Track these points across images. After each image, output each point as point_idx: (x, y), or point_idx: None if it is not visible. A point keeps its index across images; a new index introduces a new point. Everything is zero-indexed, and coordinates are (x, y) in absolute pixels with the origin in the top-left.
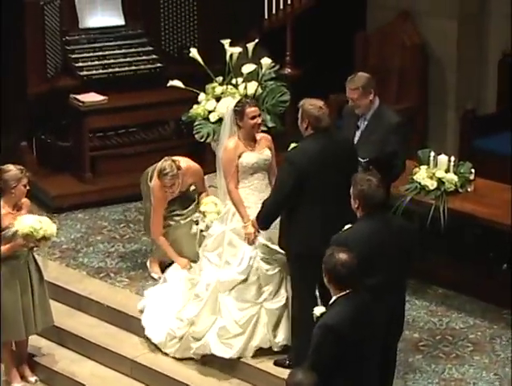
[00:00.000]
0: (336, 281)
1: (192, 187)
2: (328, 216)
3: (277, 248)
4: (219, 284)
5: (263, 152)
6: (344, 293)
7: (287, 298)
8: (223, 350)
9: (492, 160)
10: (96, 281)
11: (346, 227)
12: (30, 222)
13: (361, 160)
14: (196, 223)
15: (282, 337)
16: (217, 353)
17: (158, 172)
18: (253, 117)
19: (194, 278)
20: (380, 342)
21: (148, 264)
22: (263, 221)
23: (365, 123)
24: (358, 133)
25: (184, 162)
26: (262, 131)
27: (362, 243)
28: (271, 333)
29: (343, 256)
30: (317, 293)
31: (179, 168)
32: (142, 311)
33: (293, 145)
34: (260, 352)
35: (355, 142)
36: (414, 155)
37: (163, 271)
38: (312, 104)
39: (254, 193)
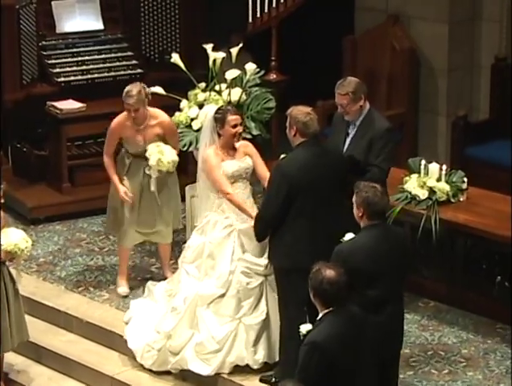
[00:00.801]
0: (322, 298)
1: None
2: (318, 229)
3: (258, 260)
4: (197, 297)
5: (244, 160)
6: (331, 309)
7: (267, 313)
8: (200, 366)
9: (485, 168)
10: (74, 295)
11: (347, 237)
12: (17, 240)
13: None
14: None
15: (262, 353)
16: (194, 369)
17: (124, 93)
18: (235, 126)
19: (172, 289)
20: (374, 358)
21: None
22: (260, 236)
23: (355, 130)
24: (348, 140)
25: (157, 111)
26: (247, 139)
27: (367, 254)
28: (251, 349)
29: (330, 273)
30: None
31: (147, 96)
32: (127, 323)
33: (283, 155)
34: (244, 368)
35: (344, 150)
36: (404, 163)
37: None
38: (300, 111)
39: None
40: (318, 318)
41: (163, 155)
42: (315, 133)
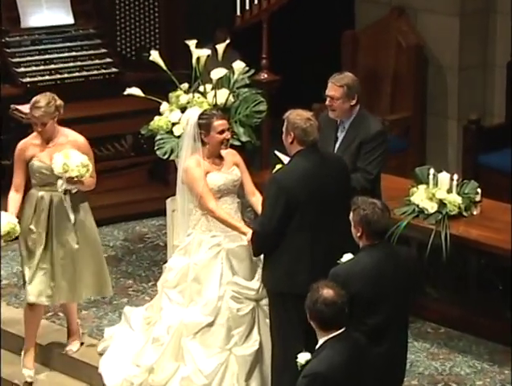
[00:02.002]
0: (318, 321)
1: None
2: (318, 248)
3: (249, 284)
4: (182, 326)
5: (232, 171)
6: (332, 335)
7: (261, 343)
8: None
9: (500, 178)
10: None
11: (345, 258)
12: (7, 219)
13: None
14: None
15: None
16: None
17: (31, 103)
18: (222, 132)
19: (151, 317)
20: None
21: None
22: (256, 253)
23: (344, 133)
24: (337, 145)
25: (69, 130)
26: (234, 146)
27: (367, 277)
28: (243, 384)
29: (328, 292)
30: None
31: (57, 109)
32: (101, 354)
33: (279, 166)
34: None
35: None
36: (410, 173)
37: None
38: (299, 116)
39: None
40: (318, 345)
41: (68, 159)
42: (315, 141)
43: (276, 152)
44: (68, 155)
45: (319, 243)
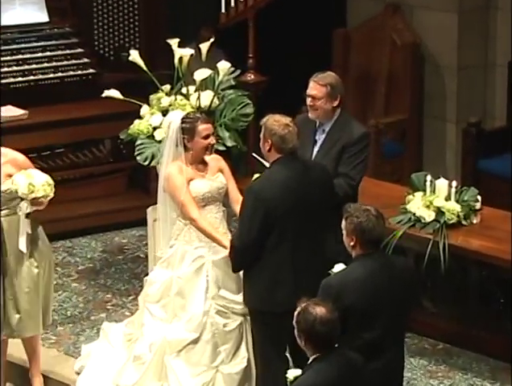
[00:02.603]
0: (316, 342)
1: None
2: (300, 263)
3: (235, 297)
4: (165, 343)
5: (217, 178)
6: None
7: (249, 360)
8: None
9: (502, 185)
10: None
11: (337, 268)
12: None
13: None
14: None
15: None
16: None
17: None
18: (207, 136)
19: (132, 334)
20: None
21: None
22: (237, 269)
23: (324, 136)
24: (316, 149)
25: (6, 149)
26: (219, 151)
27: (362, 289)
28: None
29: (321, 311)
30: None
31: None
32: (78, 373)
33: (257, 175)
34: None
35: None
36: (406, 179)
37: None
38: (277, 121)
39: None
40: (309, 361)
41: (32, 178)
42: (294, 149)
43: (254, 154)
44: (31, 175)
45: (300, 257)
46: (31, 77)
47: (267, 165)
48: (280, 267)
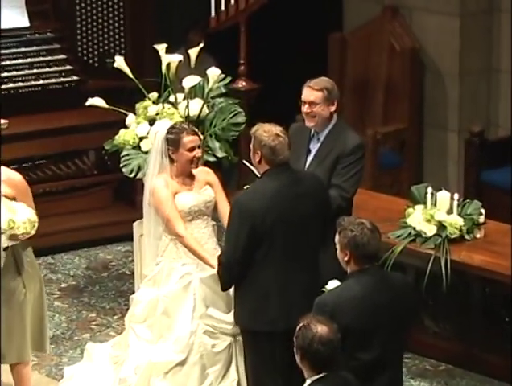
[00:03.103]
0: (313, 362)
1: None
2: (291, 279)
3: (225, 317)
4: (151, 365)
5: (204, 191)
6: (323, 374)
7: (239, 382)
8: None
9: (506, 198)
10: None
11: (331, 285)
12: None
13: None
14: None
15: None
16: None
17: None
18: (192, 149)
19: (118, 356)
20: None
21: None
22: (225, 286)
23: (318, 145)
24: (309, 159)
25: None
26: (209, 163)
27: (358, 307)
28: None
29: (322, 329)
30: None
31: None
32: None
33: (246, 187)
34: None
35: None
36: (406, 192)
37: None
38: (267, 132)
39: None
40: (305, 385)
41: (15, 214)
42: (285, 160)
43: (245, 162)
44: (14, 209)
45: (293, 273)
46: (11, 85)
47: (258, 174)
48: (271, 283)
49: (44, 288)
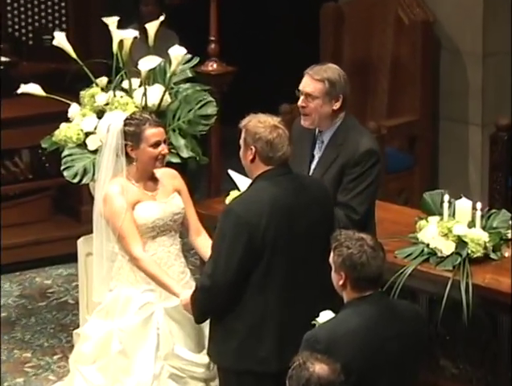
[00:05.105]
0: None
1: None
2: (292, 306)
3: (195, 357)
4: None
5: (172, 199)
6: None
7: None
8: None
9: None
10: None
11: (323, 317)
12: None
13: None
14: None
15: None
16: None
17: None
18: (157, 144)
19: None
20: None
21: None
22: (200, 318)
23: (322, 149)
24: (313, 167)
25: None
26: (172, 165)
27: (356, 344)
28: None
29: (322, 368)
30: None
31: None
32: None
33: (234, 192)
34: None
35: None
36: (417, 200)
37: None
38: (262, 123)
39: None
40: None
41: None
42: (285, 157)
43: (230, 171)
44: None
45: (292, 300)
46: None
47: (243, 186)
48: (267, 312)
49: None
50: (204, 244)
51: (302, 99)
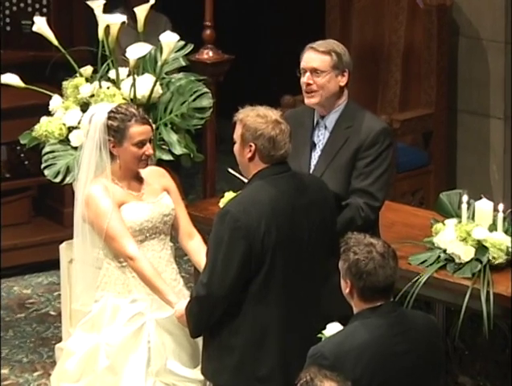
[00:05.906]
0: None
1: None
2: (297, 319)
3: (189, 373)
4: None
5: (160, 199)
6: None
7: None
8: None
9: None
10: None
11: (330, 329)
12: None
13: None
14: None
15: None
16: None
17: None
18: (142, 143)
19: None
20: None
21: None
22: (195, 331)
23: (327, 136)
24: (316, 155)
25: None
26: (164, 163)
27: (365, 360)
28: None
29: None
30: None
31: None
32: None
33: (229, 194)
34: None
35: (311, 171)
36: (433, 201)
37: None
38: (263, 117)
39: None
40: None
41: None
42: (285, 156)
43: (230, 170)
44: None
45: (297, 311)
46: None
47: (247, 177)
48: (268, 325)
49: None
50: (197, 248)
51: (308, 76)
